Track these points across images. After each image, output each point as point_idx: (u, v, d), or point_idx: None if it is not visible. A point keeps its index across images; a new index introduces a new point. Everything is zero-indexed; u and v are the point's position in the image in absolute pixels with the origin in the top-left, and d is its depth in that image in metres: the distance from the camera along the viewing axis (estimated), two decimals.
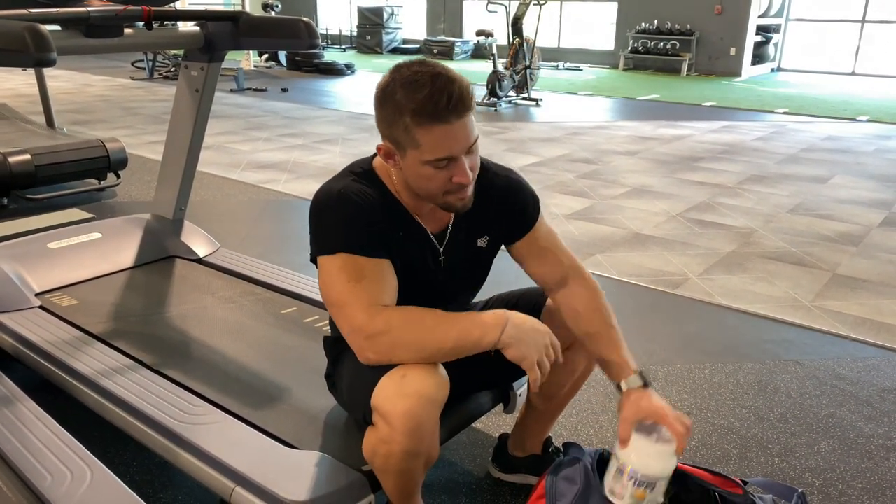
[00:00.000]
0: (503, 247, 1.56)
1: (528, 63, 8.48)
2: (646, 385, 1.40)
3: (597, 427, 2.12)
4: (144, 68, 11.06)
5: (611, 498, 1.39)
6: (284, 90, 9.65)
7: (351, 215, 1.31)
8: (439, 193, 1.31)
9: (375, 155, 1.42)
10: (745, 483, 1.54)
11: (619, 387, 1.42)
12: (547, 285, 1.54)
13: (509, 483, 1.84)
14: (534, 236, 1.51)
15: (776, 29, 12.88)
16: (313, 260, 1.35)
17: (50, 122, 4.88)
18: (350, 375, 1.48)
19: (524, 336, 1.28)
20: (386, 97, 1.26)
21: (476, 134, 1.29)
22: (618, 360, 1.43)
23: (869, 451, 2.03)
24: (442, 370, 1.32)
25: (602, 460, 1.61)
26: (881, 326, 2.83)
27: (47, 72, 5.15)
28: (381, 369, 1.30)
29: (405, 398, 1.25)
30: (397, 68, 1.27)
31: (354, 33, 16.56)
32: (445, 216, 1.46)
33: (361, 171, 1.39)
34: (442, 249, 1.46)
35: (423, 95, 1.20)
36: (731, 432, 2.11)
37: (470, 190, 1.34)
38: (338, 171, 1.44)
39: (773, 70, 13.10)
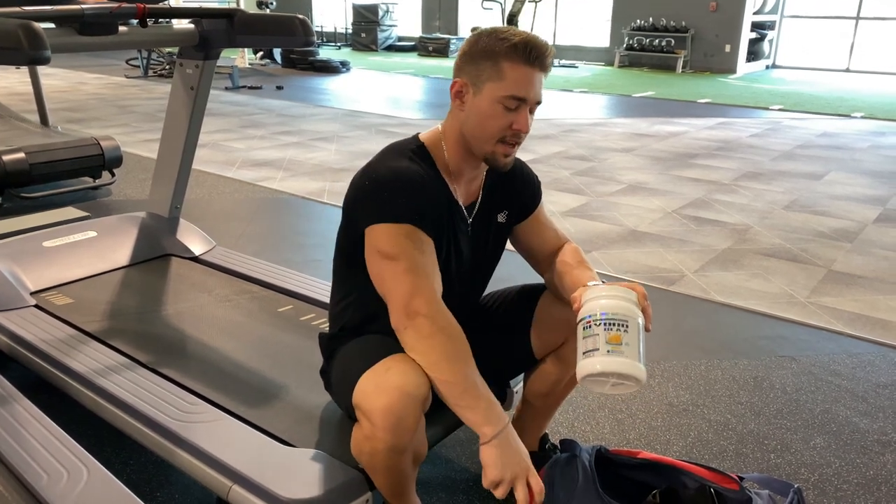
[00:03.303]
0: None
1: None
2: None
3: (593, 424, 2.12)
4: (139, 66, 11.02)
5: (587, 361, 1.26)
6: (280, 88, 9.63)
7: (418, 193, 1.37)
8: (494, 139, 1.39)
9: (417, 135, 1.50)
10: (742, 479, 1.55)
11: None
12: (542, 258, 1.64)
13: None
14: (538, 213, 1.64)
15: (771, 26, 12.90)
16: (362, 231, 1.38)
17: (44, 120, 4.86)
18: (339, 372, 1.48)
19: (505, 457, 1.27)
20: (477, 42, 1.38)
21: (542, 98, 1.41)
22: (588, 278, 1.48)
23: (864, 447, 2.04)
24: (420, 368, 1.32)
25: (599, 457, 1.61)
26: (876, 322, 2.84)
27: (41, 70, 5.13)
28: (366, 366, 1.31)
29: (384, 394, 1.25)
30: (485, 30, 1.40)
31: (349, 30, 16.53)
32: (476, 189, 1.54)
33: (416, 149, 1.45)
34: (470, 221, 1.53)
35: (520, 39, 1.34)
36: (728, 428, 2.12)
37: (515, 152, 1.44)
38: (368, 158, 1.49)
39: (767, 67, 13.12)
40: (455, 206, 1.48)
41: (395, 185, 1.36)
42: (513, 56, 1.34)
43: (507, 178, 1.57)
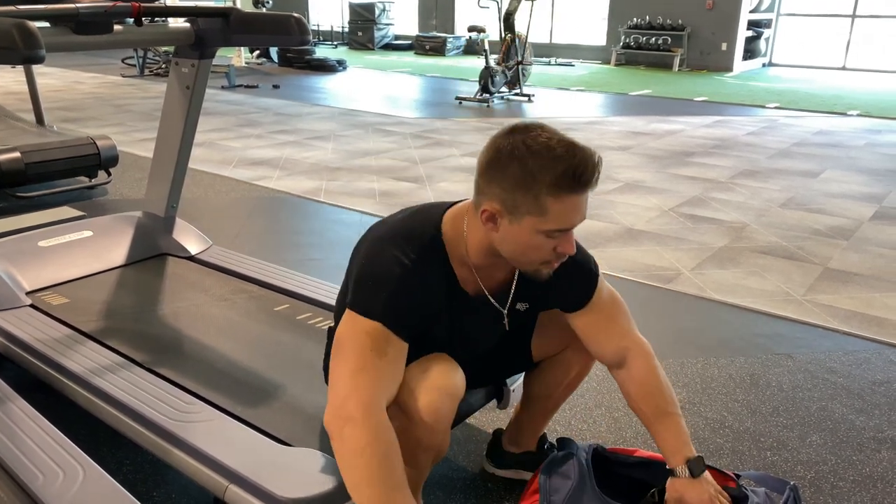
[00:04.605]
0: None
1: (520, 59, 8.47)
2: (696, 474, 1.40)
3: (590, 422, 2.13)
4: (135, 65, 10.99)
5: None
6: (276, 87, 9.61)
7: (402, 293, 1.26)
8: (538, 262, 1.28)
9: (444, 213, 1.35)
10: (738, 476, 1.55)
11: (671, 472, 1.43)
12: (604, 362, 1.53)
13: (503, 478, 1.84)
14: (586, 313, 1.48)
15: (767, 24, 12.91)
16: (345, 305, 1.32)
17: (40, 119, 4.85)
18: None
19: None
20: (509, 161, 1.18)
21: None
22: (670, 448, 1.44)
23: (860, 444, 2.05)
24: (458, 367, 1.36)
25: (596, 455, 1.61)
26: (872, 320, 2.85)
27: (37, 69, 5.11)
28: None
29: (427, 392, 1.29)
30: (518, 135, 1.20)
31: (346, 29, 16.51)
32: (505, 277, 1.42)
33: (428, 240, 1.31)
34: (506, 311, 1.46)
35: (564, 166, 1.16)
36: (724, 426, 2.12)
37: (557, 265, 1.32)
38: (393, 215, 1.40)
39: (764, 65, 13.13)
40: (462, 297, 1.38)
41: (381, 280, 1.26)
42: (557, 189, 1.16)
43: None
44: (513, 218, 1.21)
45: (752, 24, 12.49)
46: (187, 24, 2.29)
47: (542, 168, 1.16)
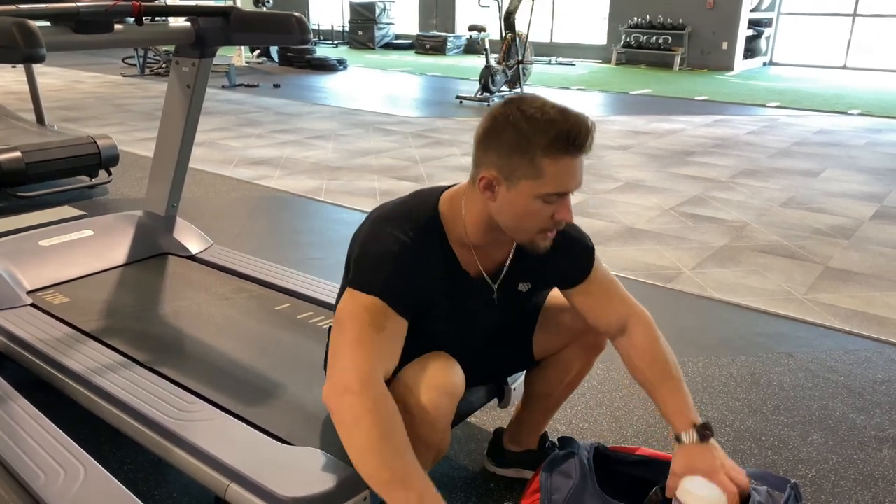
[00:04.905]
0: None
1: (520, 58, 8.47)
2: (704, 439, 1.39)
3: (591, 421, 2.13)
4: (135, 65, 10.99)
5: None
6: (276, 86, 9.61)
7: (401, 270, 1.28)
8: (535, 230, 1.28)
9: (441, 194, 1.38)
10: None
11: (677, 438, 1.42)
12: (606, 332, 1.54)
13: (504, 477, 1.84)
14: (586, 288, 1.49)
15: (768, 23, 12.90)
16: (345, 285, 1.33)
17: (40, 119, 4.85)
18: None
19: None
20: (505, 127, 1.22)
21: None
22: (675, 412, 1.43)
23: (861, 443, 2.04)
24: (458, 366, 1.36)
25: (597, 454, 1.61)
26: (872, 319, 2.84)
27: (37, 68, 5.11)
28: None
29: (427, 390, 1.29)
30: (513, 103, 1.23)
31: (346, 29, 16.51)
32: (503, 257, 1.44)
33: (426, 220, 1.33)
34: (496, 287, 1.46)
35: (558, 128, 1.19)
36: (725, 425, 2.12)
37: (554, 234, 1.33)
38: (396, 198, 1.40)
39: (764, 64, 13.13)
40: (464, 279, 1.39)
41: (380, 258, 1.28)
42: (552, 151, 1.19)
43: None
44: (510, 184, 1.23)
45: (753, 23, 12.49)
46: (188, 24, 2.29)
47: (536, 131, 1.19)
